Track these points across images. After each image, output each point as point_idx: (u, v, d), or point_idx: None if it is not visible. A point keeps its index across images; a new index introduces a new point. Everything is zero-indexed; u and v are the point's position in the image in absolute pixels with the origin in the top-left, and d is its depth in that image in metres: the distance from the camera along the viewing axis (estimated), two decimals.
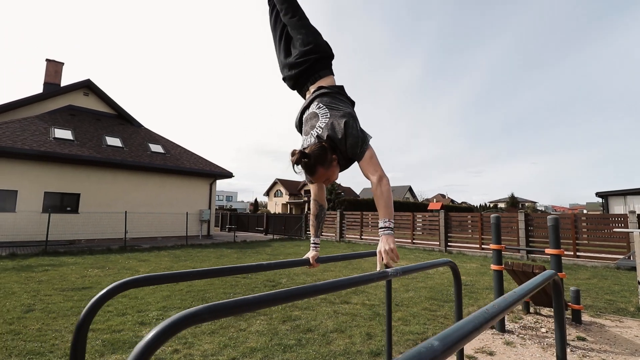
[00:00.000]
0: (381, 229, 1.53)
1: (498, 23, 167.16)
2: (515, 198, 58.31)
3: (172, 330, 0.78)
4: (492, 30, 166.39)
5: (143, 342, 0.73)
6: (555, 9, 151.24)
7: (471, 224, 12.59)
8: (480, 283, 6.73)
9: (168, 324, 0.78)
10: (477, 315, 0.81)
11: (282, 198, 51.76)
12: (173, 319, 0.79)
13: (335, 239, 16.31)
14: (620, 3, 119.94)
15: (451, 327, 0.70)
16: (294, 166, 1.60)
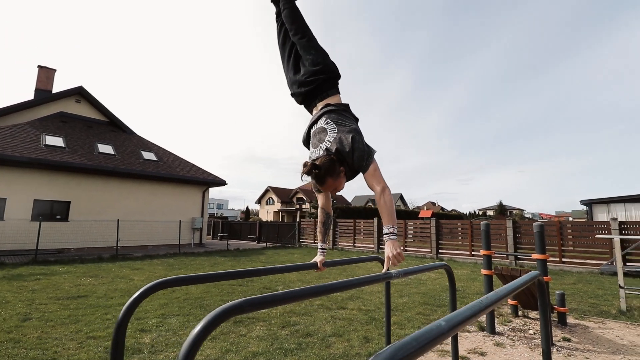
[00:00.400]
0: (386, 234, 1.69)
1: (486, 34, 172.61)
2: (503, 206, 59.27)
3: (219, 320, 0.92)
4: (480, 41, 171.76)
5: (195, 332, 0.87)
6: (544, 21, 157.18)
7: (461, 231, 12.85)
8: (471, 288, 6.92)
9: (214, 315, 0.91)
10: (474, 304, 0.97)
11: (274, 206, 51.65)
12: (218, 311, 0.93)
13: (328, 247, 16.40)
14: (601, 15, 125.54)
15: (454, 312, 0.86)
16: (302, 176, 1.76)
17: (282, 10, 2.30)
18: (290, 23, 2.23)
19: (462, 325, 0.82)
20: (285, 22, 2.28)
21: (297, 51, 2.24)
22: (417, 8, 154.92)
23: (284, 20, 2.29)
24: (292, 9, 2.28)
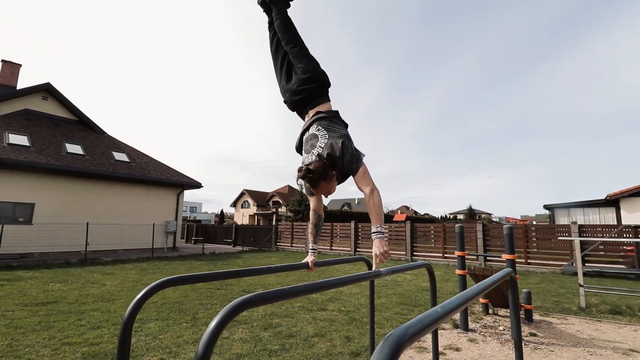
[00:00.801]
0: (374, 233, 1.81)
1: (460, 44, 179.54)
2: (473, 210, 61.69)
3: (234, 312, 0.99)
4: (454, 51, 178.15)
5: (212, 325, 0.93)
6: (514, 32, 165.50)
7: (434, 234, 13.30)
8: (445, 289, 7.21)
9: (230, 308, 0.98)
10: (462, 295, 1.09)
11: (249, 209, 51.00)
12: (234, 304, 1.00)
13: (306, 250, 16.43)
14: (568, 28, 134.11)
15: (448, 300, 0.98)
16: (297, 180, 1.85)
17: (275, 19, 2.36)
18: (283, 32, 2.31)
19: (454, 312, 0.94)
20: (278, 31, 2.34)
21: (289, 60, 2.32)
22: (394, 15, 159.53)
23: (277, 29, 2.36)
24: (285, 19, 2.36)
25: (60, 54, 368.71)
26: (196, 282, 1.52)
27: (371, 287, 2.76)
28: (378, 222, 1.81)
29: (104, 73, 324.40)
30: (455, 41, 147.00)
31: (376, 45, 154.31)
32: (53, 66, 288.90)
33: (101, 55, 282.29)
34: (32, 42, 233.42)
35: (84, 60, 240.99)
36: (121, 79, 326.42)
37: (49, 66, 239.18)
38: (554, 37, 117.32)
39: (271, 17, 2.46)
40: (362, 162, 1.91)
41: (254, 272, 1.80)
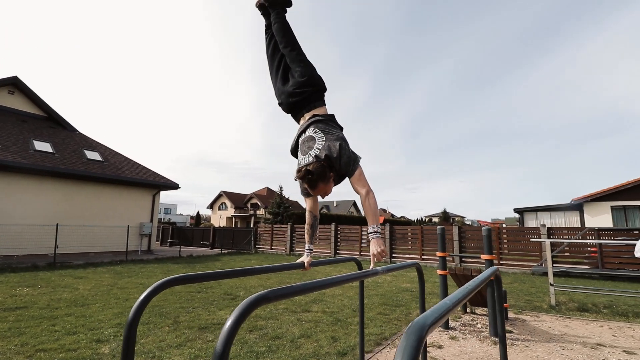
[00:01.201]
0: (370, 233, 1.86)
1: (438, 51, 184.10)
2: (447, 213, 63.46)
3: (250, 308, 1.01)
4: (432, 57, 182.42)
5: (229, 323, 0.95)
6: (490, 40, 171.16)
7: (412, 237, 13.61)
8: (425, 289, 7.39)
9: (246, 304, 1.01)
10: (464, 289, 1.16)
11: (227, 211, 50.14)
12: (249, 301, 1.02)
13: (285, 253, 16.36)
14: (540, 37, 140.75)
15: (453, 294, 1.04)
16: (297, 180, 1.88)
17: (273, 23, 2.39)
18: (281, 36, 2.33)
19: (459, 303, 1.00)
20: (276, 34, 2.37)
21: (286, 63, 2.35)
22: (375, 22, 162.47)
23: (275, 33, 2.38)
24: (283, 23, 2.39)
25: (29, 47, 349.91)
26: (200, 281, 1.51)
27: (361, 287, 2.82)
28: (374, 223, 1.86)
29: (76, 69, 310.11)
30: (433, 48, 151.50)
31: (357, 50, 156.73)
32: (21, 59, 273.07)
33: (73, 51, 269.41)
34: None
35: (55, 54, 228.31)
36: (95, 75, 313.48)
37: (16, 59, 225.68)
38: (526, 46, 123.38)
39: (269, 21, 2.48)
40: (359, 164, 1.96)
41: (253, 271, 1.81)
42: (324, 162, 1.90)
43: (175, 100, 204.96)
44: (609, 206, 20.76)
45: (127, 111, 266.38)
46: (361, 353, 2.91)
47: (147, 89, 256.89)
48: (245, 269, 1.78)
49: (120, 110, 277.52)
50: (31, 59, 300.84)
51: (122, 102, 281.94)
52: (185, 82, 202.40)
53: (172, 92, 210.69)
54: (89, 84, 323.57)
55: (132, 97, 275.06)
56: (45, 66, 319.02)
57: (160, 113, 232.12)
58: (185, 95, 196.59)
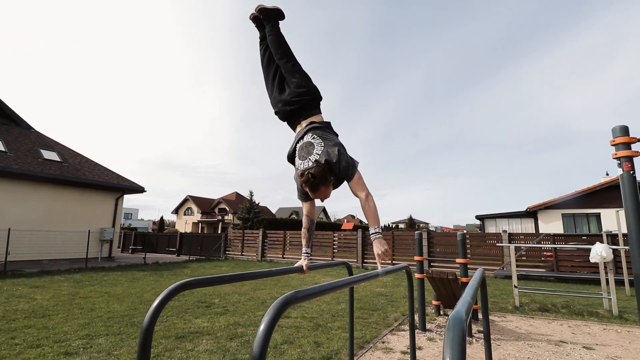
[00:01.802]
0: (372, 234, 1.93)
1: (407, 61, 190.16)
2: (413, 219, 65.44)
3: (282, 309, 1.03)
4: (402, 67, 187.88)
5: (263, 325, 0.97)
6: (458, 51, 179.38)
7: None
8: (397, 294, 7.59)
9: (278, 305, 1.03)
10: (471, 288, 1.25)
11: (193, 216, 48.52)
12: (281, 301, 1.04)
13: (256, 259, 16.10)
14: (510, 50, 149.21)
15: (467, 294, 1.12)
16: (301, 184, 1.91)
17: (268, 35, 2.47)
18: (276, 48, 2.41)
19: (473, 300, 1.09)
20: (271, 46, 2.44)
21: (282, 73, 2.41)
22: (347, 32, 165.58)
23: (270, 45, 2.46)
24: (277, 35, 2.46)
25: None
26: (214, 284, 1.50)
27: (351, 293, 2.87)
28: (375, 224, 1.93)
29: (32, 63, 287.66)
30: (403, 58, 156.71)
31: (327, 59, 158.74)
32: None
33: (28, 43, 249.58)
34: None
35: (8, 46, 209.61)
36: (53, 70, 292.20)
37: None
38: (491, 60, 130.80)
39: (263, 33, 2.57)
40: (357, 168, 2.03)
41: (255, 275, 1.81)
42: (325, 167, 1.95)
43: (138, 100, 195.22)
44: (560, 214, 22.43)
45: (88, 109, 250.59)
46: (350, 356, 2.95)
47: (107, 86, 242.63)
48: (251, 273, 1.78)
49: (80, 108, 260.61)
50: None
51: (82, 99, 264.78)
52: (150, 81, 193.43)
53: (135, 90, 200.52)
54: (46, 79, 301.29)
55: (93, 94, 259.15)
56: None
57: (123, 113, 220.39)
58: (149, 95, 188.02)
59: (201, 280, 1.39)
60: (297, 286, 8.28)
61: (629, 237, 2.42)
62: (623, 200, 2.49)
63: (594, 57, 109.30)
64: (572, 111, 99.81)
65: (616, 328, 4.84)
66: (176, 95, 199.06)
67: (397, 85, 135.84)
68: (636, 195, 2.43)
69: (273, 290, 7.51)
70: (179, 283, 1.29)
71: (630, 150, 2.56)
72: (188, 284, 1.33)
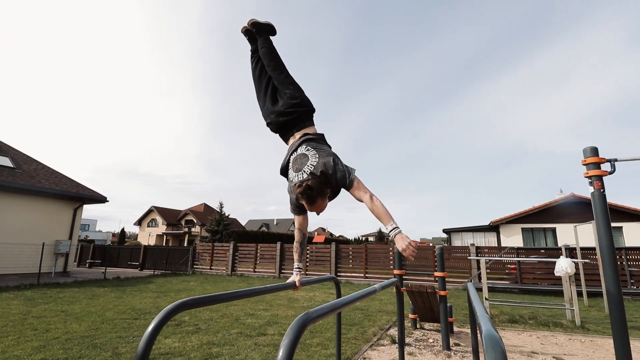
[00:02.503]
0: (392, 231, 1.78)
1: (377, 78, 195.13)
2: (382, 232, 66.49)
3: (304, 325, 0.99)
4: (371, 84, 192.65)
5: (288, 339, 0.92)
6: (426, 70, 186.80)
7: (355, 255, 13.96)
8: (372, 307, 7.58)
9: (298, 324, 0.98)
10: (480, 305, 1.25)
11: (157, 228, 46.31)
12: (300, 320, 0.99)
13: (226, 273, 15.55)
14: (476, 70, 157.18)
15: (483, 309, 1.11)
16: (298, 198, 1.87)
17: (261, 48, 2.50)
18: (269, 60, 2.41)
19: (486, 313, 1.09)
20: (264, 58, 2.45)
21: (274, 84, 2.40)
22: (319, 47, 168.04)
23: (262, 57, 2.47)
24: (270, 48, 2.47)
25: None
26: (213, 303, 1.40)
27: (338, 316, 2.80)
28: (390, 221, 1.80)
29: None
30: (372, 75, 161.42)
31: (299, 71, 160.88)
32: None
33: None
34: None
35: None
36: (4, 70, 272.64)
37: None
38: (458, 79, 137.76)
39: (255, 46, 2.57)
40: (355, 174, 1.99)
41: (253, 292, 1.72)
42: (322, 178, 1.92)
43: (98, 103, 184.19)
44: (520, 228, 23.69)
45: (43, 113, 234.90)
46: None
47: (64, 89, 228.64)
48: (248, 290, 1.69)
49: (35, 111, 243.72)
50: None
51: (37, 102, 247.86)
52: (109, 85, 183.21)
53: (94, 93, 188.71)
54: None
55: (49, 97, 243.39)
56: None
57: (80, 117, 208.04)
58: (111, 98, 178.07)
59: (199, 299, 1.30)
60: (271, 301, 8.07)
61: (601, 251, 2.56)
62: (594, 216, 2.65)
63: (548, 81, 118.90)
64: (529, 131, 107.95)
65: (580, 338, 5.10)
66: (140, 100, 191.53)
67: (367, 101, 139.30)
68: (606, 212, 2.59)
69: (246, 307, 7.25)
70: (176, 304, 1.19)
71: (600, 169, 2.73)
72: (185, 304, 1.23)
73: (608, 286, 2.59)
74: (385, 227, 1.81)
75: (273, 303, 7.76)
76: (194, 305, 1.26)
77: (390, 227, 1.78)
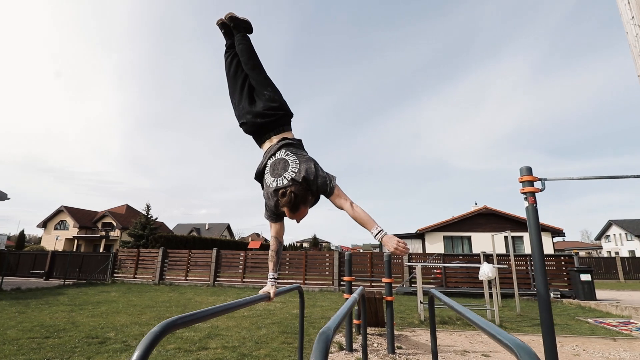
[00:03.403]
0: (378, 234, 1.80)
1: (320, 87, 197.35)
2: (317, 239, 67.52)
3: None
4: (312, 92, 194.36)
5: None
6: (369, 81, 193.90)
7: (295, 261, 13.90)
8: (315, 314, 7.59)
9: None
10: (464, 310, 1.32)
11: (68, 231, 40.75)
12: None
13: (153, 282, 14.26)
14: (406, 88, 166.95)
15: (476, 315, 1.17)
16: (282, 205, 1.79)
17: (238, 44, 2.39)
18: (247, 58, 2.34)
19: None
20: (242, 55, 2.36)
21: (251, 83, 2.30)
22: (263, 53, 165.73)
23: (240, 54, 2.38)
24: (249, 45, 2.39)
25: None
26: (206, 319, 1.25)
27: (301, 320, 2.75)
28: (375, 224, 1.82)
29: None
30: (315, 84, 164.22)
31: None
32: None
33: None
34: None
35: None
36: None
37: None
38: (391, 95, 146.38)
39: (231, 41, 2.46)
40: (335, 182, 1.98)
41: (235, 306, 1.59)
42: (304, 185, 1.88)
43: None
44: (442, 236, 26.04)
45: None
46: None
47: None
48: (228, 305, 1.55)
49: None
50: None
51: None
52: (8, 64, 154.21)
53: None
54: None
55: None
56: None
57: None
58: (8, 80, 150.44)
59: (188, 317, 1.15)
60: None
61: (533, 260, 2.92)
62: (528, 228, 3.01)
63: (465, 105, 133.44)
64: (450, 149, 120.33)
65: None
66: (47, 89, 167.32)
67: (307, 109, 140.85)
68: (538, 224, 2.96)
69: None
70: (164, 324, 1.04)
71: (533, 187, 3.10)
72: (174, 324, 1.09)
73: (539, 289, 2.95)
74: (371, 232, 1.83)
75: None
76: (184, 325, 1.12)
77: (376, 231, 1.80)
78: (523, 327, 6.57)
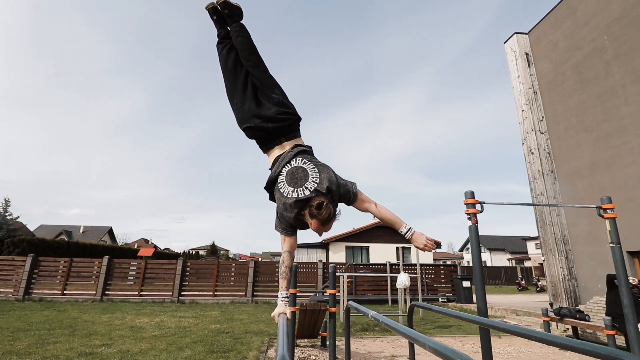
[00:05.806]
0: (407, 231, 1.91)
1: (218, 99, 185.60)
2: (215, 246, 64.08)
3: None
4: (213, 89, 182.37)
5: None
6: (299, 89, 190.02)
7: (207, 272, 12.91)
8: (238, 328, 7.17)
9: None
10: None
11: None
12: None
13: (15, 297, 11.37)
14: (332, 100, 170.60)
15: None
16: (325, 221, 1.71)
17: (237, 37, 2.19)
18: (249, 53, 2.16)
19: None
20: (241, 50, 2.17)
21: (253, 82, 2.15)
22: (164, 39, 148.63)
23: (240, 48, 2.18)
24: (249, 38, 2.23)
25: None
26: None
27: None
28: (402, 223, 1.93)
29: None
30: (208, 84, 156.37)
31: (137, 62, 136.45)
32: None
33: None
34: None
35: None
36: None
37: None
38: (311, 107, 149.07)
39: (225, 31, 2.25)
40: (357, 187, 1.99)
41: None
42: (329, 195, 1.83)
43: None
44: (344, 246, 27.76)
45: None
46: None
47: None
48: None
49: None
50: None
51: None
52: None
53: None
54: None
55: None
56: None
57: None
58: None
59: None
60: (106, 333, 6.48)
61: (474, 272, 3.37)
62: (470, 244, 3.48)
63: (367, 126, 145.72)
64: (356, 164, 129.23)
65: None
66: None
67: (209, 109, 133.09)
68: (478, 241, 3.45)
69: (74, 343, 5.55)
70: None
71: (475, 209, 3.62)
72: None
73: (478, 296, 3.42)
74: (399, 231, 1.92)
75: (112, 335, 6.25)
76: None
77: (405, 229, 1.91)
78: (429, 330, 7.45)
